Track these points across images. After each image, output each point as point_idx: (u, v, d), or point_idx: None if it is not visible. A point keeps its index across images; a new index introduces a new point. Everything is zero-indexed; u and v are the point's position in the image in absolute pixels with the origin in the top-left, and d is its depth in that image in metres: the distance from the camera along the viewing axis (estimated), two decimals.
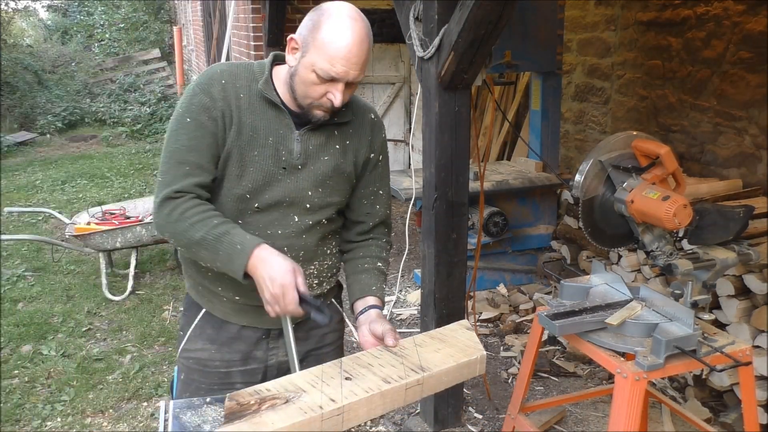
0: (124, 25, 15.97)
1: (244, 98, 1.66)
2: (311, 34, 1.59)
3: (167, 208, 1.61)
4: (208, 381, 1.83)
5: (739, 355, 2.02)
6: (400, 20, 2.81)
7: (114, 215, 4.95)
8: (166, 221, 1.61)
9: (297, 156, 1.69)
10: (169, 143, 1.64)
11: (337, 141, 1.76)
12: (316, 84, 1.60)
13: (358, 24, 1.59)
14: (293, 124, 1.69)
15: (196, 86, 1.66)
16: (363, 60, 1.61)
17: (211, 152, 1.63)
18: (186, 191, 1.61)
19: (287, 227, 1.72)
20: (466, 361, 1.61)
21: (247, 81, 1.69)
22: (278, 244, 1.66)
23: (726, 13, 3.89)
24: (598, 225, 2.26)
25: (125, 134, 11.05)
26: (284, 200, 1.70)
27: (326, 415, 1.37)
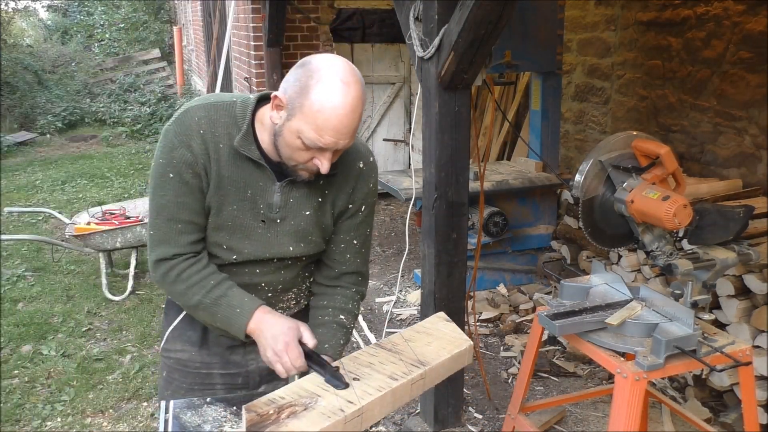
0: (124, 25, 15.98)
1: (223, 149, 1.57)
2: (298, 98, 1.46)
3: (162, 269, 1.61)
4: (188, 381, 1.83)
5: (739, 355, 2.02)
6: (400, 20, 2.81)
7: (114, 215, 4.95)
8: (162, 282, 1.63)
9: (276, 209, 1.63)
10: (156, 196, 1.59)
11: (319, 193, 1.67)
12: (302, 150, 1.51)
13: (350, 90, 1.46)
14: (274, 175, 1.61)
15: (174, 138, 1.55)
16: (354, 128, 1.51)
17: (200, 205, 1.59)
18: (180, 253, 1.60)
19: (265, 270, 1.71)
20: (457, 352, 1.64)
21: (226, 128, 1.58)
22: (255, 281, 1.69)
23: (726, 13, 3.89)
24: (598, 225, 2.26)
25: (125, 134, 11.05)
26: (264, 254, 1.66)
27: (348, 417, 1.38)
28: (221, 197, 1.59)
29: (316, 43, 6.10)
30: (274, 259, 1.69)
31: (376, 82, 6.83)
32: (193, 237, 1.61)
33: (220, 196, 1.59)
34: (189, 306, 1.64)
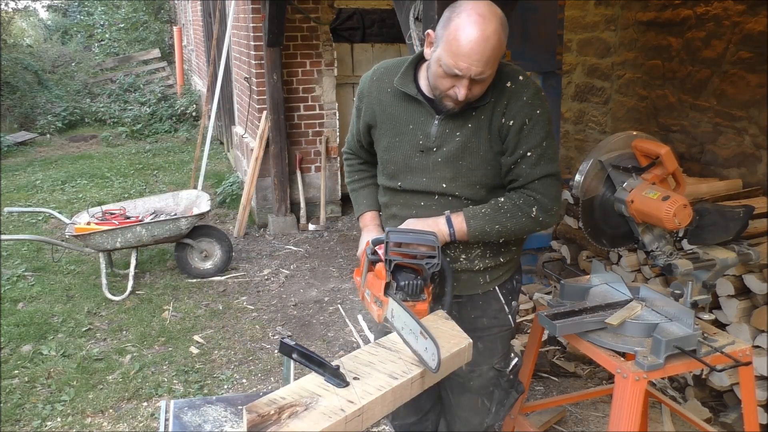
0: (124, 25, 15.98)
1: (390, 92, 1.91)
2: (442, 30, 1.70)
3: (344, 159, 2.23)
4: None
5: (739, 355, 2.02)
6: (400, 20, 2.81)
7: (114, 215, 4.95)
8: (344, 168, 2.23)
9: (433, 139, 1.86)
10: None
11: (472, 120, 1.83)
12: (443, 78, 1.73)
13: (486, 21, 1.65)
14: (433, 110, 1.85)
15: (361, 80, 2.03)
16: (487, 57, 1.67)
17: (360, 128, 2.04)
18: (348, 151, 2.19)
19: (429, 206, 1.91)
20: (457, 350, 1.64)
21: (393, 76, 1.90)
22: (423, 214, 1.91)
23: (726, 13, 3.89)
24: (598, 225, 2.26)
25: (125, 134, 11.05)
26: (421, 180, 1.89)
27: (349, 416, 1.38)
28: (387, 130, 1.94)
29: (316, 43, 6.10)
30: (435, 195, 1.90)
31: None
32: (356, 146, 2.13)
33: (386, 130, 1.94)
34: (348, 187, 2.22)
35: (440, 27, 1.72)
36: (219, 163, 8.90)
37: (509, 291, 2.09)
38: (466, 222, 1.85)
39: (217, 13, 7.83)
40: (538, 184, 1.85)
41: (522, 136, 1.82)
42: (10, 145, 9.92)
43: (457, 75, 1.69)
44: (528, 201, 1.85)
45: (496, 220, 1.85)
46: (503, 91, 1.82)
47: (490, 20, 1.65)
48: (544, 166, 1.85)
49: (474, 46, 1.65)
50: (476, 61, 1.66)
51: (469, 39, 1.64)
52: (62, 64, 14.59)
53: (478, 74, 1.69)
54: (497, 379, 2.09)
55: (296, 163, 6.24)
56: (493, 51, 1.67)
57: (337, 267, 5.27)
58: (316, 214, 6.36)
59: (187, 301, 4.63)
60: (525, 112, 1.81)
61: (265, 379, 3.63)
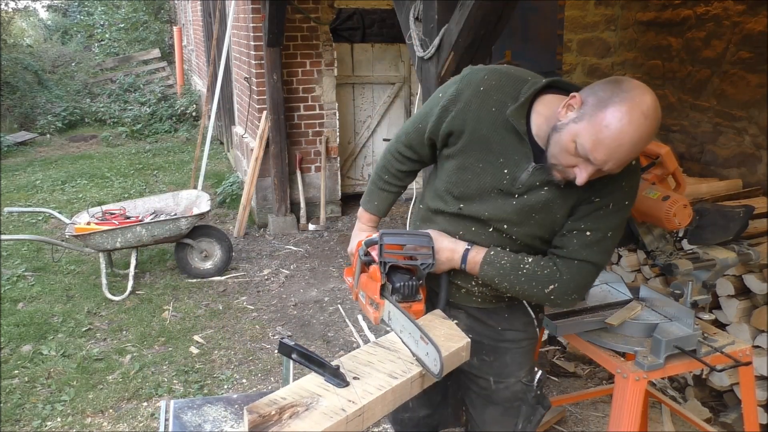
0: (124, 25, 15.98)
1: (493, 113, 1.70)
2: (594, 107, 1.52)
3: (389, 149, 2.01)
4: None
5: (739, 355, 2.02)
6: (400, 20, 2.81)
7: (114, 215, 4.95)
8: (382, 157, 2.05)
9: (519, 186, 1.70)
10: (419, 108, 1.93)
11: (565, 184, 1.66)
12: (570, 154, 1.56)
13: (647, 123, 1.48)
14: (532, 155, 1.68)
15: (459, 80, 1.78)
16: (627, 160, 1.53)
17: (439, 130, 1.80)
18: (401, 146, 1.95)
19: (479, 233, 1.79)
20: (455, 349, 1.64)
21: (504, 97, 1.69)
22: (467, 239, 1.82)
23: (726, 13, 3.89)
24: None
25: (125, 134, 11.05)
26: (484, 213, 1.76)
27: (350, 416, 1.38)
28: (471, 151, 1.74)
29: (316, 43, 6.10)
30: (491, 227, 1.78)
31: (376, 82, 6.83)
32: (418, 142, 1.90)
33: (471, 150, 1.74)
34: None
35: (593, 100, 1.53)
36: (219, 163, 8.90)
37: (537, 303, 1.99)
38: (481, 266, 1.76)
39: (217, 13, 7.83)
40: (576, 266, 1.72)
41: (596, 214, 1.69)
42: (10, 145, 9.92)
43: (588, 160, 1.54)
44: (552, 276, 1.73)
45: (508, 279, 1.75)
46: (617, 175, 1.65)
47: (650, 123, 1.48)
48: (595, 253, 1.71)
49: (623, 146, 1.49)
50: (616, 160, 1.51)
51: (622, 137, 1.48)
52: (62, 64, 14.59)
53: (610, 170, 1.55)
54: (524, 394, 2.00)
55: (296, 163, 6.24)
56: (634, 155, 1.53)
57: (337, 267, 5.27)
58: (316, 214, 6.36)
59: (187, 301, 4.63)
60: (615, 196, 1.67)
61: (265, 379, 3.63)
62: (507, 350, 1.95)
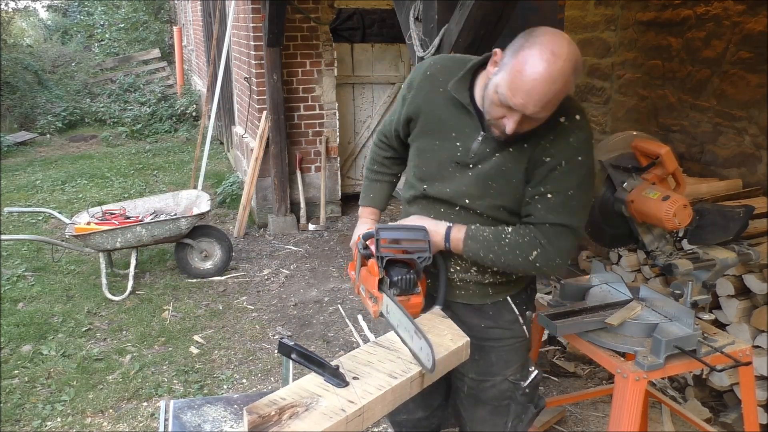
0: (124, 25, 15.98)
1: (442, 93, 1.82)
2: (510, 57, 1.59)
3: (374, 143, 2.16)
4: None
5: (739, 355, 2.02)
6: (400, 20, 2.81)
7: (114, 215, 4.95)
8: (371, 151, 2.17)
9: (471, 155, 1.78)
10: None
11: (515, 145, 1.73)
12: (497, 105, 1.63)
13: (558, 61, 1.53)
14: (481, 125, 1.76)
15: (414, 69, 1.95)
16: (547, 100, 1.56)
17: (400, 117, 1.95)
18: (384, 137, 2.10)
19: (448, 214, 1.85)
20: (455, 348, 1.64)
21: (452, 77, 1.79)
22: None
23: (726, 13, 3.89)
24: (598, 225, 2.26)
25: (125, 134, 11.05)
26: (445, 190, 1.83)
27: (350, 417, 1.38)
28: (428, 132, 1.86)
29: (316, 43, 6.10)
30: (457, 206, 1.84)
31: (376, 82, 6.83)
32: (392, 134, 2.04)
33: (427, 131, 1.86)
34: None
35: (509, 51, 1.60)
36: (219, 163, 8.90)
37: (523, 301, 2.01)
38: (464, 242, 1.78)
39: (217, 13, 7.83)
40: (550, 230, 1.74)
41: (552, 175, 1.72)
42: (10, 145, 9.92)
43: (511, 108, 1.60)
44: (533, 243, 1.75)
45: (493, 250, 1.77)
46: (554, 125, 1.71)
47: (561, 61, 1.53)
48: (562, 214, 1.73)
49: (536, 85, 1.54)
50: (535, 101, 1.56)
51: (534, 77, 1.53)
52: (62, 64, 14.59)
53: (534, 113, 1.59)
54: (513, 392, 2.01)
55: (296, 163, 6.24)
56: (555, 94, 1.56)
57: (337, 267, 5.27)
58: (316, 214, 6.36)
59: (187, 301, 4.63)
60: (565, 154, 1.71)
61: (265, 379, 3.63)
62: (492, 348, 1.95)
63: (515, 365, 2.00)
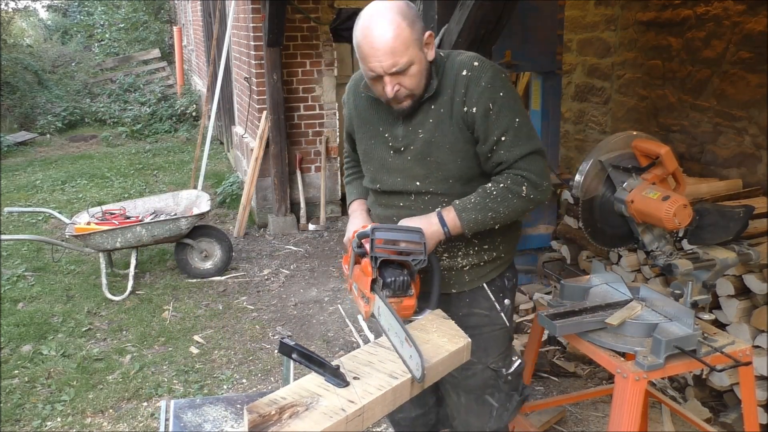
0: (124, 25, 15.98)
1: (363, 97, 1.97)
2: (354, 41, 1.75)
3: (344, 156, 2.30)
4: None
5: (739, 355, 2.02)
6: None
7: (114, 215, 4.95)
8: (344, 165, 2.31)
9: (400, 139, 1.89)
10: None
11: (432, 115, 1.84)
12: (373, 83, 1.79)
13: (378, 16, 1.69)
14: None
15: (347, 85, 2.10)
16: (391, 48, 1.69)
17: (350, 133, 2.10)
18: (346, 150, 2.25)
19: (407, 206, 1.93)
20: (456, 349, 1.64)
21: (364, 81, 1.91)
22: (403, 215, 1.91)
23: (726, 13, 3.89)
24: (598, 225, 2.26)
25: (125, 134, 11.05)
26: (396, 180, 1.92)
27: (350, 416, 1.38)
28: (363, 134, 1.99)
29: (316, 43, 6.10)
30: (411, 194, 1.92)
31: None
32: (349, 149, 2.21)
33: (363, 134, 1.99)
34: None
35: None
36: (219, 163, 8.90)
37: (500, 288, 2.06)
38: (458, 216, 1.81)
39: (217, 13, 7.83)
40: (522, 163, 1.82)
41: (490, 121, 1.80)
42: (10, 145, 9.92)
43: (377, 76, 1.74)
44: (516, 180, 1.82)
45: (487, 207, 1.81)
46: (459, 79, 1.81)
47: (384, 14, 1.69)
48: (523, 145, 1.82)
49: (373, 44, 1.69)
50: (382, 56, 1.69)
51: (367, 39, 1.70)
52: (62, 64, 14.60)
53: (392, 67, 1.71)
54: (495, 380, 2.06)
55: (296, 163, 6.24)
56: (396, 40, 1.68)
57: (337, 267, 5.27)
58: (316, 214, 6.36)
59: (187, 301, 4.63)
60: (487, 97, 1.79)
61: (265, 379, 3.63)
62: (471, 336, 1.91)
63: (496, 353, 2.04)
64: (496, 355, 2.04)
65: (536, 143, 1.85)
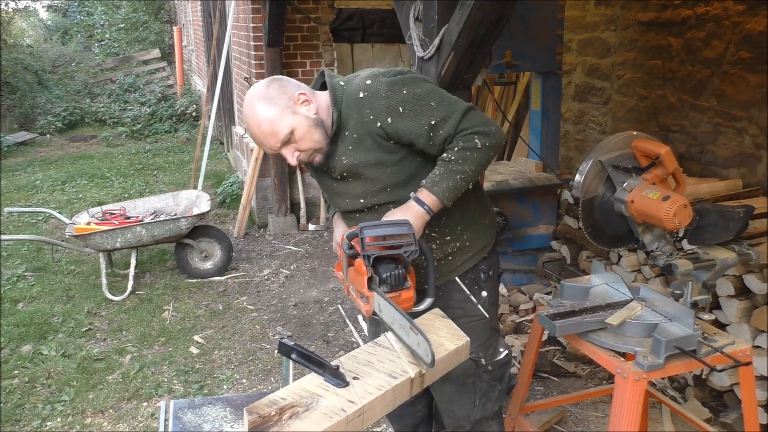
0: (124, 25, 15.98)
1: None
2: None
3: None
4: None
5: (739, 355, 2.02)
6: (400, 20, 2.81)
7: (114, 215, 4.95)
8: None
9: (334, 169, 1.98)
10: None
11: (348, 141, 1.92)
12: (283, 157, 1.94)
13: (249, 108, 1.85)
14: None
15: None
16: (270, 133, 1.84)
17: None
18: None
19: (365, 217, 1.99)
20: (455, 348, 1.64)
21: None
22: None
23: (726, 13, 3.89)
24: (598, 225, 2.26)
25: (125, 134, 11.05)
26: (345, 202, 2.03)
27: (350, 417, 1.38)
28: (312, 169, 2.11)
29: (316, 43, 6.10)
30: (363, 210, 2.00)
31: None
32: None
33: (311, 169, 2.11)
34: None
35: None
36: (219, 163, 8.90)
37: (474, 281, 2.10)
38: (431, 191, 1.86)
39: (217, 13, 7.83)
40: (463, 124, 1.86)
41: (410, 119, 1.84)
42: (10, 145, 9.92)
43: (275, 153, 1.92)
44: (466, 139, 1.86)
45: (453, 172, 1.86)
46: (359, 102, 1.88)
47: (250, 105, 1.85)
48: (453, 113, 1.85)
49: (253, 133, 1.88)
50: (269, 140, 1.86)
51: (251, 131, 1.87)
52: (62, 64, 14.59)
53: (278, 143, 1.86)
54: (475, 370, 2.10)
55: None
56: (264, 124, 1.83)
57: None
58: (316, 214, 6.36)
59: (187, 301, 4.63)
60: (392, 105, 1.84)
61: (265, 379, 3.63)
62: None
63: (475, 343, 2.05)
64: (475, 346, 2.05)
65: (461, 104, 1.88)
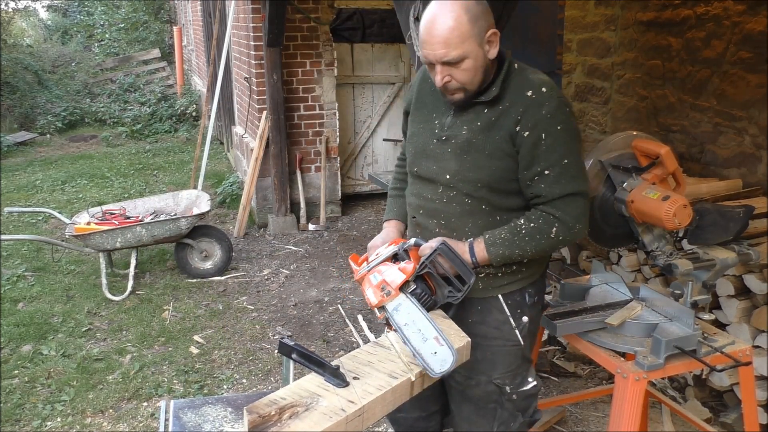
0: (124, 25, 15.98)
1: (428, 84, 1.99)
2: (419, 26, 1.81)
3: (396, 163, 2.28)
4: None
5: (739, 355, 2.02)
6: (400, 20, 2.81)
7: (114, 215, 4.95)
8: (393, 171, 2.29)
9: (445, 129, 1.90)
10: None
11: (482, 118, 1.84)
12: (430, 69, 1.82)
13: (442, 7, 1.73)
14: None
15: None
16: (444, 38, 1.72)
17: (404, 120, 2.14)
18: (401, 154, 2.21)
19: (433, 199, 1.94)
20: (455, 348, 1.63)
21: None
22: (428, 207, 1.95)
23: (726, 13, 3.89)
24: (598, 225, 2.26)
25: (125, 134, 11.05)
26: (432, 168, 1.93)
27: (350, 417, 1.38)
28: (416, 117, 2.02)
29: (316, 43, 6.10)
30: (440, 186, 1.92)
31: (376, 82, 6.83)
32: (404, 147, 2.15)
33: (415, 117, 2.03)
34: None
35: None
36: (219, 163, 8.90)
37: (517, 304, 1.96)
38: (486, 249, 1.82)
39: (217, 13, 7.83)
40: (560, 203, 1.79)
41: (539, 151, 1.77)
42: (10, 145, 9.91)
43: (431, 63, 1.78)
44: (548, 221, 1.80)
45: (515, 245, 1.81)
46: (522, 98, 1.79)
47: (448, 5, 1.73)
48: (566, 184, 1.78)
49: (431, 31, 1.73)
50: (436, 45, 1.73)
51: (426, 27, 1.75)
52: (62, 64, 14.59)
53: (443, 57, 1.74)
54: (498, 396, 1.98)
55: (296, 163, 6.24)
56: (451, 31, 1.71)
57: (337, 267, 5.27)
58: (316, 214, 6.36)
59: (187, 301, 4.63)
60: (543, 127, 1.76)
61: (265, 379, 3.63)
62: (477, 345, 1.88)
63: (503, 369, 1.96)
64: (502, 372, 1.97)
65: (580, 185, 1.80)
